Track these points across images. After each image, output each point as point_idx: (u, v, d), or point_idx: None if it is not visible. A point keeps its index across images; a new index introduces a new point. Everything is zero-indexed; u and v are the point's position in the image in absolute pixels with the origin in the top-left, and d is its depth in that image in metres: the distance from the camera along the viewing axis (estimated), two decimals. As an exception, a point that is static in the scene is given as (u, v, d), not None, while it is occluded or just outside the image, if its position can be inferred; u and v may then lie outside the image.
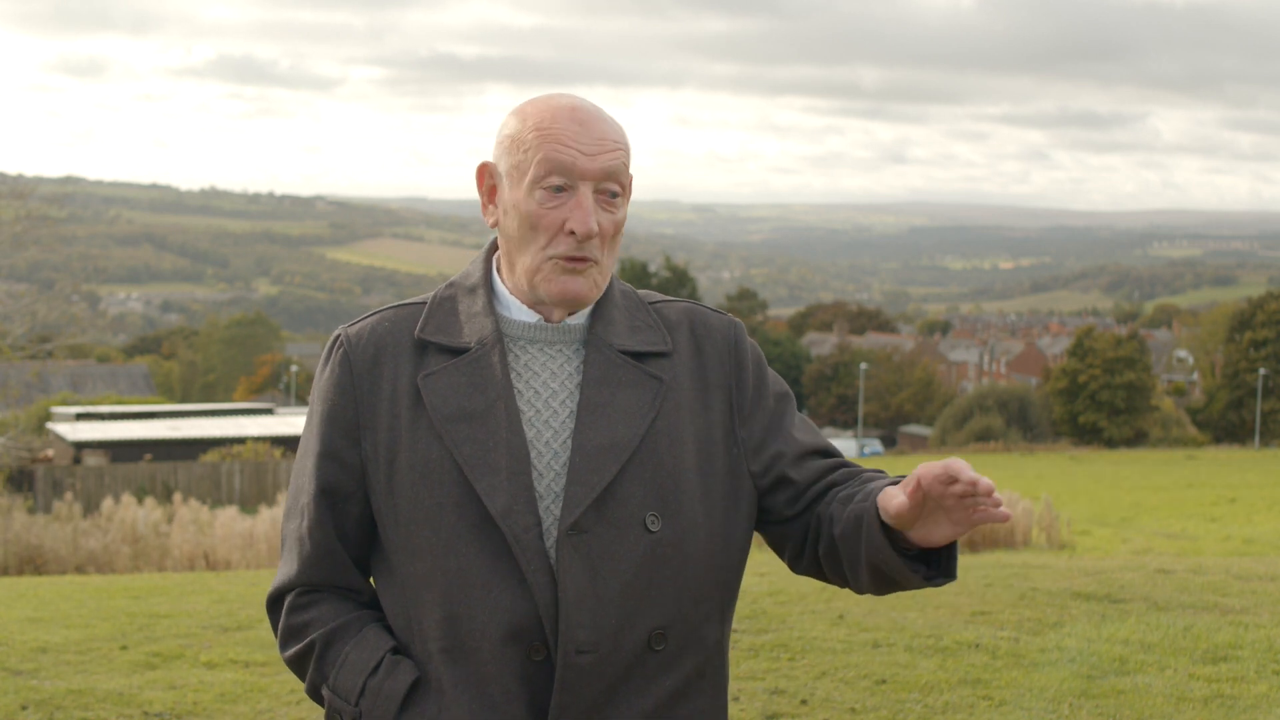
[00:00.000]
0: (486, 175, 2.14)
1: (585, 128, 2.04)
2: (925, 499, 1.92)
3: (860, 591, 2.11)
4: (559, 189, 2.03)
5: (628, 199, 2.11)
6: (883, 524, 2.00)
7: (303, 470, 2.14)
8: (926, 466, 1.89)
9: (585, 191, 2.03)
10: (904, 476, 2.03)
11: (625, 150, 2.08)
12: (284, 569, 2.16)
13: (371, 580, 2.17)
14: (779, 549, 2.21)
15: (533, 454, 2.03)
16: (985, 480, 1.87)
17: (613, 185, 2.06)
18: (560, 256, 2.04)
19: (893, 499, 1.94)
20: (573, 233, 2.02)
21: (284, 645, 2.14)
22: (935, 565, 2.04)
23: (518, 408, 2.04)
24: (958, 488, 1.88)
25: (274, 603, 2.17)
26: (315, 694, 2.12)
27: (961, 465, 1.87)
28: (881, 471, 2.16)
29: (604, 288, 2.11)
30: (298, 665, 2.14)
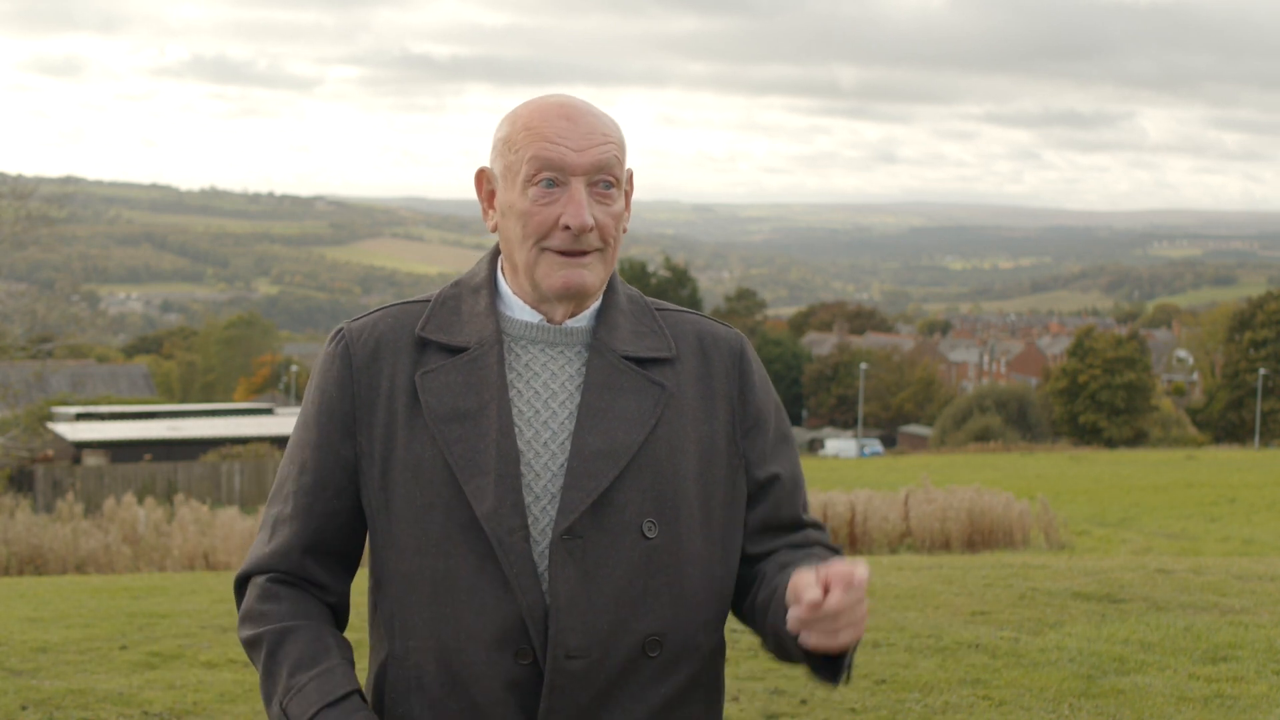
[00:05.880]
0: (485, 180, 2.15)
1: (573, 123, 2.05)
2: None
3: (768, 651, 2.16)
4: (551, 184, 2.03)
5: (625, 192, 2.10)
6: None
7: (293, 459, 2.12)
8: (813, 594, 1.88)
9: (578, 186, 2.03)
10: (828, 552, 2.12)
11: (616, 144, 2.07)
12: (256, 549, 2.12)
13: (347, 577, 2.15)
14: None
15: (529, 454, 2.02)
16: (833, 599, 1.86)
17: (605, 177, 2.05)
18: (556, 250, 2.04)
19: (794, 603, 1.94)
20: (567, 227, 2.02)
21: (241, 625, 2.11)
22: (828, 665, 2.05)
23: (510, 410, 2.03)
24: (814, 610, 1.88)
25: (240, 584, 2.13)
26: (264, 697, 2.08)
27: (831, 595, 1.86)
28: (820, 548, 2.17)
29: (606, 280, 2.11)
30: (248, 650, 2.11)
